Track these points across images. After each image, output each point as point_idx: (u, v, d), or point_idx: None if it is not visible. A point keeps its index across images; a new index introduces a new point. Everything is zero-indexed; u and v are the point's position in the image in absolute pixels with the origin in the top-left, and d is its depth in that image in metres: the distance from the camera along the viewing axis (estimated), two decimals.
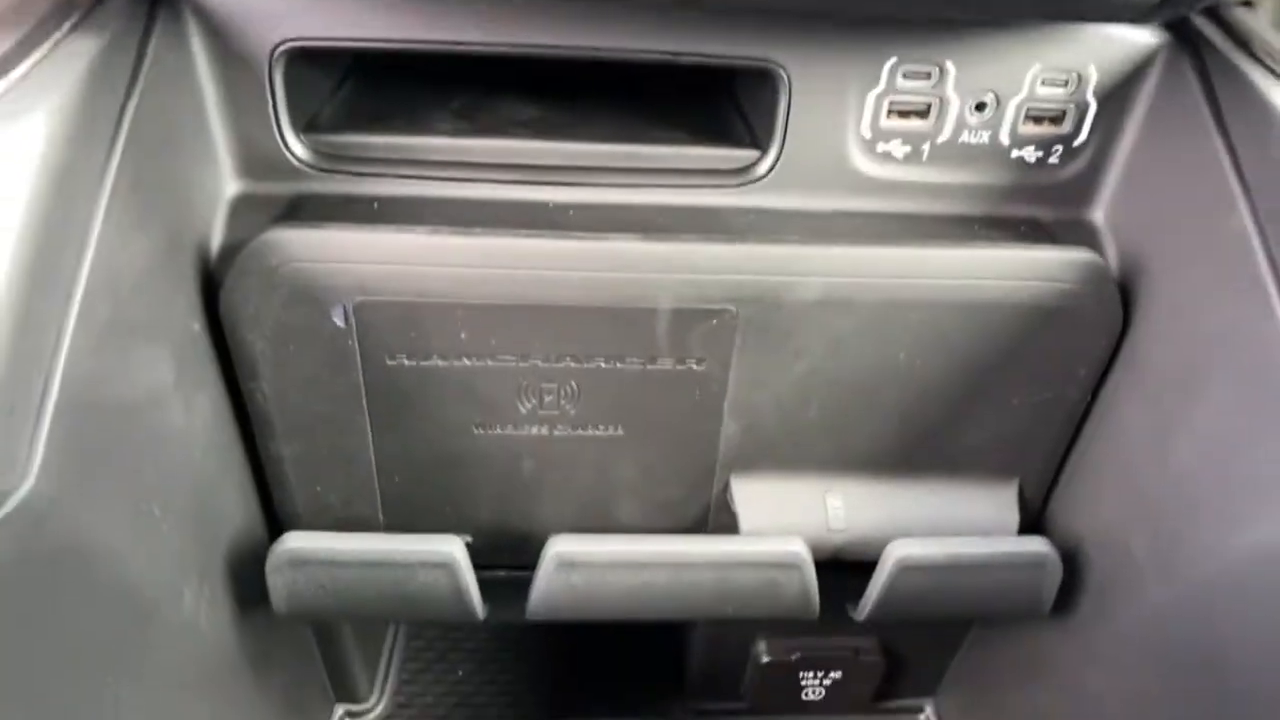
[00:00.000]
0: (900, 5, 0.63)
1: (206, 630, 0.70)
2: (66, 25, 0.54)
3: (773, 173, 0.71)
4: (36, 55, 0.52)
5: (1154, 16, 0.65)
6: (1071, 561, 0.77)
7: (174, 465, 0.63)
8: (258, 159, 0.68)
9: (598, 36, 0.64)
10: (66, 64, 0.52)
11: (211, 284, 0.66)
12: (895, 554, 0.73)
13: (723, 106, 0.78)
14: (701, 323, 0.68)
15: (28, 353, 0.48)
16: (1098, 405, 0.75)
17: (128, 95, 0.57)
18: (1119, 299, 0.69)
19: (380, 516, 0.76)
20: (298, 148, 0.68)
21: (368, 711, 1.04)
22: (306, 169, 0.68)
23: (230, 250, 0.66)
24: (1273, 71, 0.61)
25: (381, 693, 1.06)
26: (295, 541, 0.70)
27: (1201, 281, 0.65)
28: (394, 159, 0.69)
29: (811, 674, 0.99)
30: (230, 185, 0.69)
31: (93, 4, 0.57)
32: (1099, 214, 0.74)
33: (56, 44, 0.53)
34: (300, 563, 0.70)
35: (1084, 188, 0.73)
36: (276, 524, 0.76)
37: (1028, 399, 0.74)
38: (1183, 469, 0.66)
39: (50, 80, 0.51)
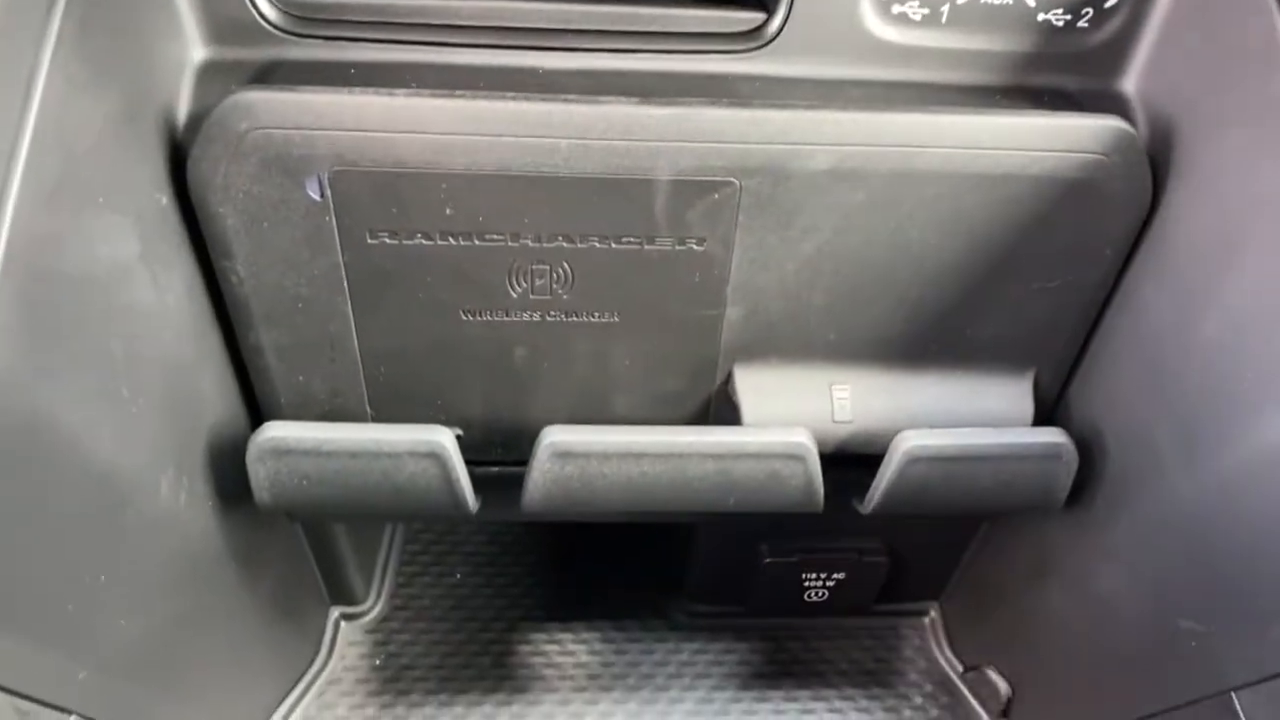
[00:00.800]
0: None
1: (187, 522, 0.67)
2: None
3: (779, 37, 0.66)
4: None
5: None
6: (1088, 453, 0.74)
7: (144, 346, 0.60)
8: (225, 22, 0.63)
9: None
10: None
11: (179, 155, 0.62)
12: (904, 445, 0.70)
13: None
14: (702, 197, 0.63)
15: None
16: (1121, 288, 0.71)
17: None
18: (1149, 170, 0.65)
19: (367, 409, 0.73)
20: (268, 9, 0.63)
21: (364, 614, 1.03)
22: (278, 33, 0.64)
23: (197, 119, 0.61)
24: None
25: (378, 596, 1.04)
26: (276, 430, 0.67)
27: (1241, 147, 0.60)
28: (373, 21, 0.64)
29: (814, 575, 0.97)
30: (196, 51, 0.64)
31: None
32: (1129, 83, 0.69)
33: None
34: (282, 452, 0.67)
35: (1114, 54, 0.68)
36: (259, 416, 0.73)
37: (1047, 282, 0.70)
38: (1211, 351, 0.63)
39: None
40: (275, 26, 0.63)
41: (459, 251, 0.65)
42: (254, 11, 0.63)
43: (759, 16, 0.66)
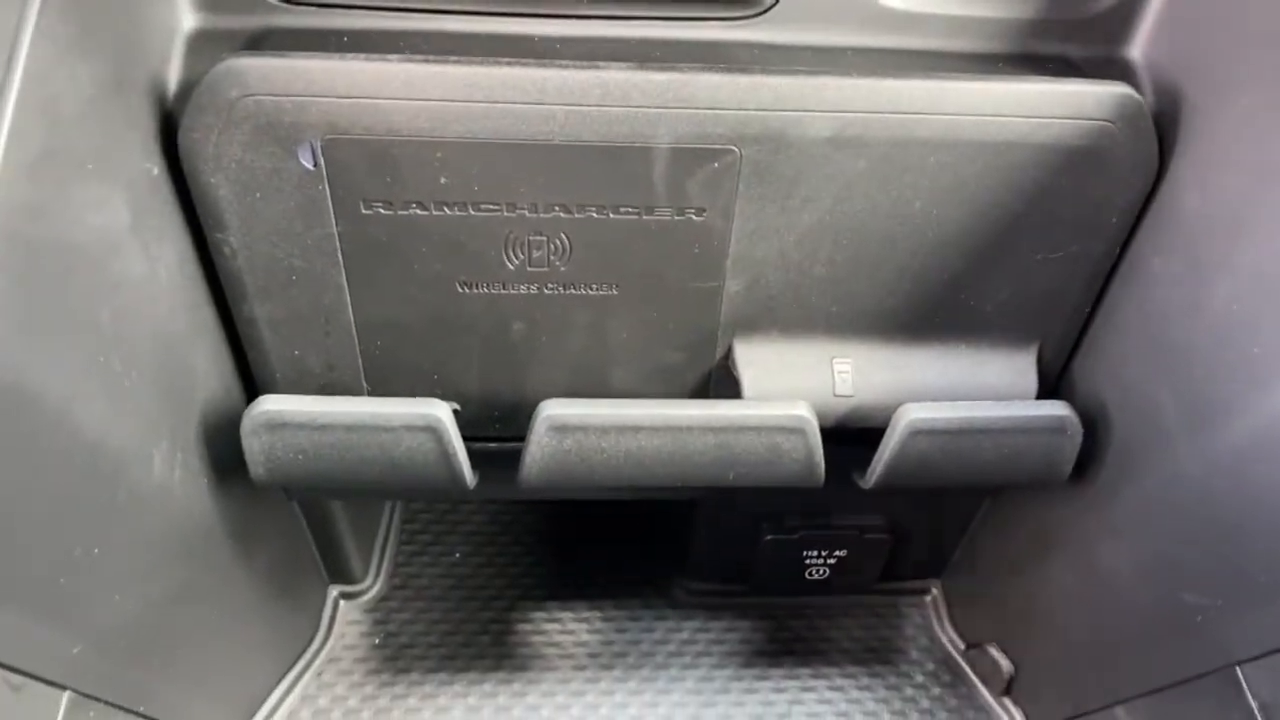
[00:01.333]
0: None
1: (181, 497, 0.66)
2: None
3: (779, 3, 0.64)
4: None
5: None
6: (1092, 426, 0.73)
7: (136, 318, 0.59)
8: None
9: None
10: None
11: (170, 124, 0.61)
12: (905, 418, 0.70)
13: None
14: (701, 165, 0.62)
15: None
16: (1126, 258, 0.70)
17: None
18: (1155, 137, 0.64)
19: (364, 383, 0.72)
20: None
21: (363, 593, 1.02)
22: (270, 0, 0.63)
23: (188, 87, 0.60)
24: None
25: (377, 574, 1.04)
26: (271, 404, 0.66)
27: (1250, 114, 0.59)
28: None
29: (815, 553, 0.97)
30: (187, 19, 0.63)
31: None
32: (1135, 50, 0.68)
33: None
34: (277, 426, 0.66)
35: (1120, 21, 0.67)
36: (254, 390, 0.72)
37: (1052, 252, 0.69)
38: (1218, 322, 0.62)
39: None
40: None
41: (454, 222, 0.64)
42: None
43: None
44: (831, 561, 0.98)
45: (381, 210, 0.63)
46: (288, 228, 0.63)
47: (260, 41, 0.62)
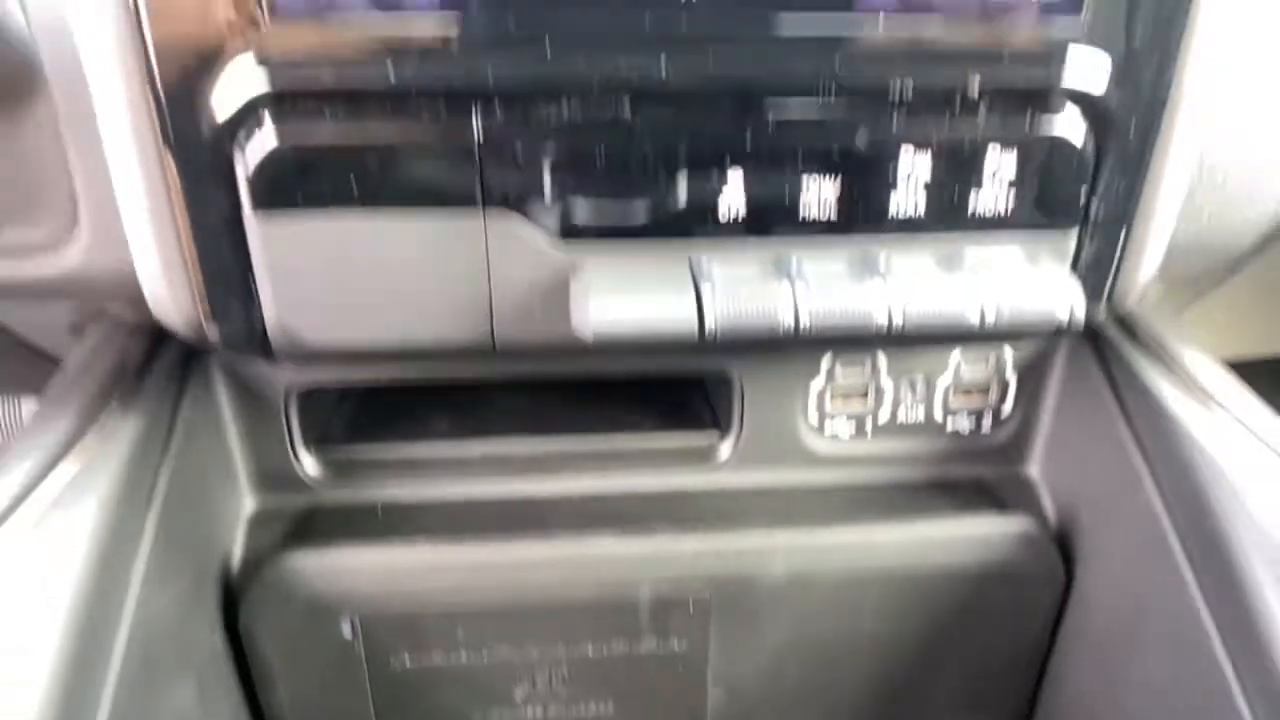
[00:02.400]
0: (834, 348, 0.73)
1: None
2: (112, 403, 0.63)
3: (734, 455, 0.78)
4: (84, 441, 0.60)
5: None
6: None
7: None
8: (274, 478, 0.76)
9: (576, 365, 0.73)
10: (109, 448, 0.60)
11: (230, 598, 0.72)
12: None
13: (692, 391, 0.86)
14: (679, 607, 0.74)
15: None
16: (1055, 651, 0.80)
17: (162, 457, 0.65)
18: (1060, 560, 0.76)
19: None
20: (310, 466, 0.76)
21: None
22: (317, 483, 0.76)
23: (248, 567, 0.72)
24: (1158, 359, 0.70)
25: None
26: None
27: (1125, 545, 0.71)
28: (396, 466, 0.77)
29: None
30: (248, 502, 0.76)
31: (135, 378, 0.66)
32: (1034, 469, 0.81)
33: (102, 426, 0.61)
34: None
35: (1016, 448, 0.81)
36: None
37: (987, 653, 0.79)
38: (1136, 714, 0.70)
39: (94, 470, 0.58)
40: (315, 479, 0.76)
41: (470, 665, 0.74)
42: (299, 469, 0.75)
43: (716, 438, 0.79)
44: None
45: (408, 664, 0.73)
46: (328, 681, 0.73)
47: (309, 520, 0.75)
